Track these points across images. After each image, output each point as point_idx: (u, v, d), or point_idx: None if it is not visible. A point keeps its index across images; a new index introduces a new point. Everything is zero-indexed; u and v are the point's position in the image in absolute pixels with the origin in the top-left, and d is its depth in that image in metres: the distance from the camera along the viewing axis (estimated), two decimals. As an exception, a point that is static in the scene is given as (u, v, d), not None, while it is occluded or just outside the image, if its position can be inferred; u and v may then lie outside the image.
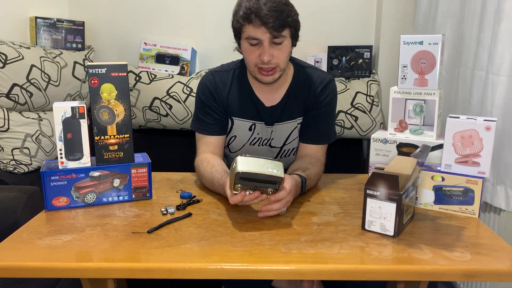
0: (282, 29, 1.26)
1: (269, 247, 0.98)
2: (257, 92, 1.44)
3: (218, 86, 1.44)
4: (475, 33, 1.64)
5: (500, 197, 1.56)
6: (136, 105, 2.23)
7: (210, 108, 1.44)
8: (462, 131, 1.15)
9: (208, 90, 1.44)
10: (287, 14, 1.27)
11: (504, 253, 0.96)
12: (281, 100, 1.44)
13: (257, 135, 1.48)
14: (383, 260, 0.93)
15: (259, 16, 1.24)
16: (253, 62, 1.33)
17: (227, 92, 1.44)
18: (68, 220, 1.12)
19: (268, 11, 1.23)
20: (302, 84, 1.44)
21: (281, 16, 1.25)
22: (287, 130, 1.47)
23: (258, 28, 1.26)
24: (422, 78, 1.25)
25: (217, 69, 1.48)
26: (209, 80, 1.45)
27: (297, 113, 1.46)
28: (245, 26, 1.29)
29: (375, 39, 2.34)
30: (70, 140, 1.17)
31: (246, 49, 1.33)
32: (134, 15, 2.38)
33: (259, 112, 1.45)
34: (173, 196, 1.28)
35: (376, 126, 2.18)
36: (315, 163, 1.38)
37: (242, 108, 1.44)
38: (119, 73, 1.18)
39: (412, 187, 1.09)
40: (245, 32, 1.30)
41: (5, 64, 1.87)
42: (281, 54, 1.31)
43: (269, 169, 1.04)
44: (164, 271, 0.90)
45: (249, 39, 1.29)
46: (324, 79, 1.44)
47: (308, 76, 1.45)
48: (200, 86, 1.46)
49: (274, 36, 1.27)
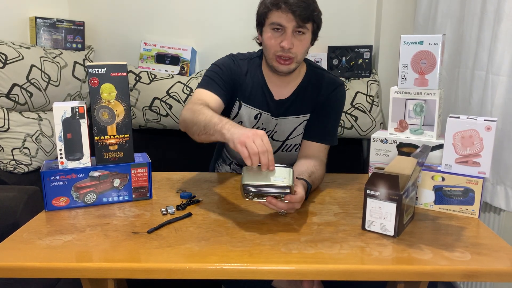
0: (307, 20, 1.31)
1: (269, 247, 0.98)
2: (269, 84, 1.46)
3: (238, 67, 1.46)
4: (475, 33, 1.64)
5: (500, 197, 1.56)
6: (136, 105, 2.23)
7: (223, 76, 1.43)
8: (462, 131, 1.15)
9: (228, 65, 1.45)
10: (313, 8, 1.32)
11: (504, 253, 0.96)
12: (290, 95, 1.47)
13: (261, 125, 1.49)
14: (383, 260, 0.93)
15: (287, 3, 1.28)
16: (273, 50, 1.35)
17: (242, 77, 1.46)
18: (68, 220, 1.12)
19: (297, 0, 1.28)
20: (313, 83, 1.47)
21: (308, 8, 1.30)
22: (292, 125, 1.49)
23: (285, 15, 1.29)
24: (422, 78, 1.25)
25: (237, 55, 1.51)
26: (231, 59, 1.48)
27: (304, 109, 1.48)
28: (272, 12, 1.32)
29: (375, 39, 2.34)
30: (70, 140, 1.17)
31: (268, 35, 1.35)
32: (134, 15, 2.38)
33: (267, 103, 1.47)
34: (173, 196, 1.28)
35: (376, 126, 2.18)
36: (319, 165, 1.38)
37: (251, 96, 1.46)
38: (119, 73, 1.18)
39: (412, 187, 1.09)
40: (270, 18, 1.33)
41: (5, 64, 1.87)
42: (301, 46, 1.34)
43: (275, 179, 1.04)
44: (164, 271, 0.90)
45: (274, 25, 1.32)
46: (335, 82, 1.49)
47: (320, 77, 1.49)
48: (220, 60, 1.48)
49: (298, 25, 1.31)
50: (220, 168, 1.68)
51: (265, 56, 1.42)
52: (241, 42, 1.83)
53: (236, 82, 1.45)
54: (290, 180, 1.05)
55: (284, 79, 1.44)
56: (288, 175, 1.06)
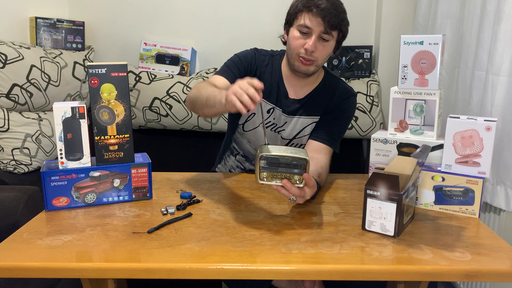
0: (334, 28, 1.35)
1: (269, 247, 0.98)
2: (286, 82, 1.50)
3: (258, 60, 1.50)
4: (475, 33, 1.64)
5: (500, 197, 1.56)
6: (136, 105, 2.23)
7: (242, 66, 1.48)
8: (462, 131, 1.15)
9: (249, 57, 1.50)
10: (343, 17, 1.37)
11: (504, 253, 0.96)
12: (304, 96, 1.50)
13: (272, 120, 1.52)
14: (383, 260, 0.93)
15: (319, 7, 1.31)
16: (296, 50, 1.38)
17: (261, 71, 1.50)
18: (68, 220, 1.12)
19: (329, 7, 1.32)
20: (328, 89, 1.51)
21: (338, 16, 1.34)
22: (301, 125, 1.51)
23: (315, 18, 1.32)
24: (423, 78, 1.25)
25: (259, 49, 1.55)
26: (254, 52, 1.52)
27: (315, 112, 1.51)
28: (302, 13, 1.35)
29: (375, 39, 2.34)
30: (70, 140, 1.17)
31: (294, 35, 1.38)
32: (134, 15, 2.38)
33: (281, 100, 1.50)
34: (173, 196, 1.28)
35: (376, 126, 2.18)
36: (326, 168, 1.39)
37: (267, 90, 1.49)
38: (119, 73, 1.18)
39: (412, 187, 1.09)
40: (299, 19, 1.36)
41: (5, 64, 1.87)
42: (323, 51, 1.38)
43: (292, 153, 1.06)
44: (164, 271, 0.90)
45: (301, 27, 1.35)
46: (349, 92, 1.52)
47: (336, 84, 1.53)
48: (242, 52, 1.52)
49: (325, 31, 1.34)
50: (227, 159, 1.68)
51: (288, 54, 1.44)
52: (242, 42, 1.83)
53: (255, 74, 1.48)
54: (306, 155, 1.06)
55: (301, 80, 1.47)
56: (304, 153, 1.07)
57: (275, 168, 1.06)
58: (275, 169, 1.06)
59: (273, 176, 1.07)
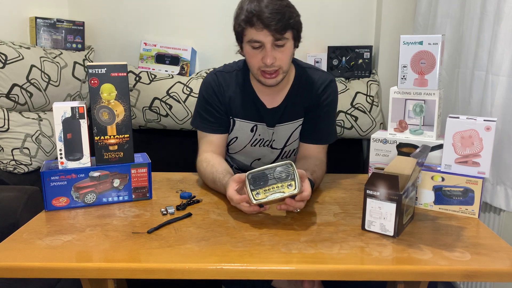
0: (284, 31, 1.26)
1: (269, 247, 0.98)
2: (259, 94, 1.44)
3: (222, 85, 1.44)
4: (475, 33, 1.64)
5: (500, 197, 1.56)
6: (136, 105, 2.23)
7: (212, 106, 1.44)
8: (462, 131, 1.15)
9: (211, 89, 1.44)
10: (289, 16, 1.26)
11: (504, 253, 0.96)
12: (282, 101, 1.45)
13: (258, 136, 1.48)
14: (383, 260, 0.93)
15: (261, 19, 1.23)
16: (256, 66, 1.32)
17: (230, 93, 1.44)
18: (68, 220, 1.12)
19: (270, 14, 1.23)
20: (303, 86, 1.45)
21: (283, 18, 1.24)
22: (288, 131, 1.48)
23: (261, 31, 1.25)
24: (422, 78, 1.25)
25: (220, 69, 1.48)
26: (213, 79, 1.45)
27: (298, 114, 1.46)
28: (247, 29, 1.28)
29: (375, 39, 2.34)
30: (70, 140, 1.17)
31: (249, 52, 1.32)
32: (134, 15, 2.38)
33: (260, 113, 1.45)
34: (173, 196, 1.28)
35: (376, 126, 2.18)
36: (320, 165, 1.38)
37: (244, 110, 1.45)
38: (119, 73, 1.18)
39: (412, 187, 1.09)
40: (247, 35, 1.29)
41: (5, 64, 1.87)
42: (283, 57, 1.30)
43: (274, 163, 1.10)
44: (164, 271, 0.90)
45: (251, 42, 1.29)
46: (325, 80, 1.45)
47: (310, 77, 1.45)
48: (203, 84, 1.47)
49: (276, 39, 1.26)
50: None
51: (250, 71, 1.39)
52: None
53: (226, 101, 1.44)
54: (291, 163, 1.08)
55: (274, 88, 1.41)
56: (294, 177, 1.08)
57: (265, 183, 1.08)
58: (265, 183, 1.08)
59: (265, 191, 1.08)
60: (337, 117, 2.14)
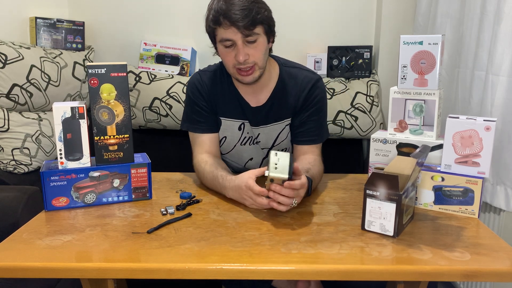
0: (253, 27, 1.26)
1: (269, 247, 0.98)
2: (242, 93, 1.44)
3: (206, 85, 1.45)
4: (475, 33, 1.64)
5: (500, 197, 1.56)
6: (136, 105, 2.23)
7: (199, 106, 1.44)
8: (462, 131, 1.15)
9: (196, 89, 1.45)
10: (256, 11, 1.26)
11: (504, 253, 0.96)
12: (267, 101, 1.44)
13: (247, 134, 1.48)
14: (383, 260, 0.93)
15: (228, 17, 1.24)
16: (231, 64, 1.33)
17: (214, 92, 1.45)
18: (68, 220, 1.12)
19: (237, 11, 1.24)
20: (288, 85, 1.44)
21: (250, 14, 1.24)
22: (275, 132, 1.47)
23: (229, 29, 1.26)
24: (422, 78, 1.25)
25: (205, 69, 1.50)
26: (197, 79, 1.46)
27: (284, 114, 1.45)
28: (217, 29, 1.30)
29: (375, 39, 2.34)
30: (70, 140, 1.17)
31: (222, 51, 1.33)
32: (134, 15, 2.38)
33: (244, 112, 1.45)
34: (173, 196, 1.28)
35: (376, 126, 2.18)
36: (314, 162, 1.37)
37: (229, 108, 1.45)
38: (118, 73, 1.18)
39: (412, 187, 1.09)
40: (218, 35, 1.31)
41: (5, 64, 1.87)
42: (256, 52, 1.30)
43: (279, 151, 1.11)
44: (164, 271, 0.90)
45: (223, 41, 1.30)
46: (311, 79, 1.43)
47: (295, 76, 1.44)
48: (188, 85, 1.48)
49: (246, 35, 1.27)
50: None
51: (227, 70, 1.39)
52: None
53: (211, 100, 1.45)
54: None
55: (255, 86, 1.41)
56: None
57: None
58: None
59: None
60: (337, 117, 2.14)
